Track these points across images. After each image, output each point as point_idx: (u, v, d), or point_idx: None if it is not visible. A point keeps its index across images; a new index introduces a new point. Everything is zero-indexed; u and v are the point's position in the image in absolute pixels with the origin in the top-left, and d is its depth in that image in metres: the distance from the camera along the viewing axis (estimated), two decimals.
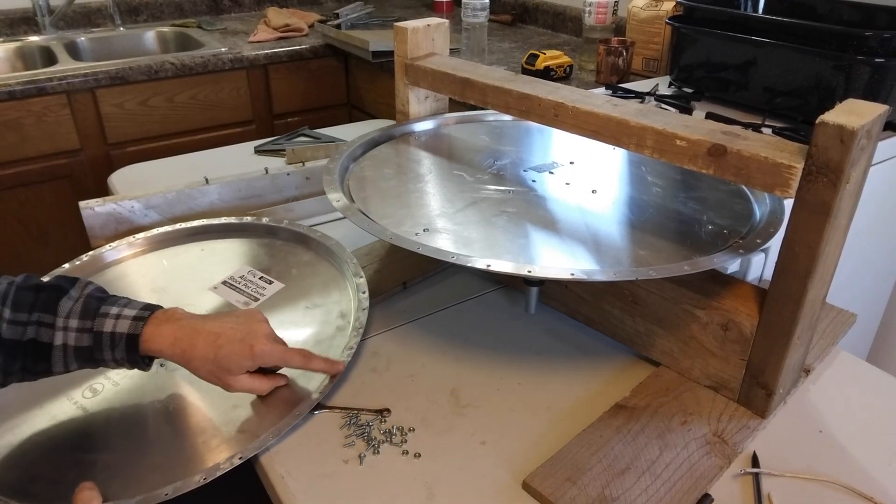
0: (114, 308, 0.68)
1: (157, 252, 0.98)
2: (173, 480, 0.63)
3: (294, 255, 0.95)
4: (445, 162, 0.93)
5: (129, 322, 0.67)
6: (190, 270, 0.94)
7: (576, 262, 0.70)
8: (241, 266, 0.93)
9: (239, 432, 0.68)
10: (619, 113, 0.73)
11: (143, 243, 0.98)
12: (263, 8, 2.49)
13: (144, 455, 0.67)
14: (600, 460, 0.65)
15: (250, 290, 0.89)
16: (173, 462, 0.66)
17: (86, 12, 2.19)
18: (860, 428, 0.71)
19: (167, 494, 0.62)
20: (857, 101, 0.60)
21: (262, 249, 0.97)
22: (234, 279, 0.91)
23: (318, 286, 0.88)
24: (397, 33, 0.98)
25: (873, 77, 1.14)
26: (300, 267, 0.92)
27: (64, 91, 1.75)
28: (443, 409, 0.73)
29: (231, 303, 0.87)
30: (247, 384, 0.70)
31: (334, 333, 0.80)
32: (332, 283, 0.89)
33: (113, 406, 0.73)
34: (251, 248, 0.97)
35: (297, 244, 0.97)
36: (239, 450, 0.66)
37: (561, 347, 0.83)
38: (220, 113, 1.99)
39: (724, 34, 1.33)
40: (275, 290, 0.88)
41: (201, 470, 0.64)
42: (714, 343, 0.72)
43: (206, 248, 0.99)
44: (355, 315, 0.82)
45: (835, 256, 0.66)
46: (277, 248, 0.97)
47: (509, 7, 2.35)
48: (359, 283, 0.86)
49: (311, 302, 0.86)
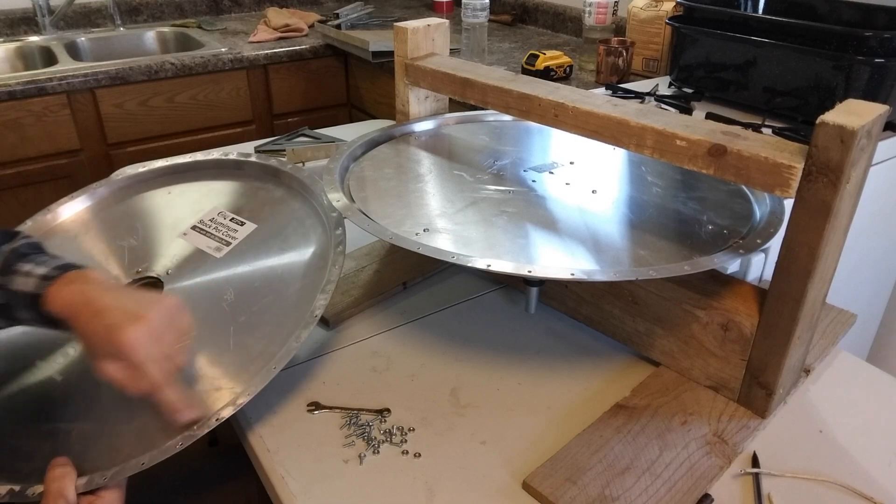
0: (28, 265, 0.64)
1: (121, 203, 0.91)
2: (150, 448, 0.61)
3: (265, 191, 0.88)
4: (445, 162, 0.93)
5: (36, 281, 0.63)
6: (158, 216, 0.88)
7: (576, 262, 0.70)
8: (211, 208, 0.87)
9: (216, 390, 0.65)
10: (619, 113, 0.73)
11: (105, 192, 0.91)
12: (263, 8, 2.49)
13: (119, 421, 0.64)
14: (600, 460, 0.65)
15: (221, 233, 0.83)
16: (149, 427, 0.63)
17: (86, 12, 2.19)
18: (860, 428, 0.71)
19: (144, 464, 0.60)
20: (856, 101, 0.60)
21: (232, 187, 0.89)
22: (205, 223, 0.85)
23: (292, 224, 0.82)
24: (397, 33, 0.98)
25: (873, 77, 1.14)
26: (273, 204, 0.85)
27: (64, 91, 1.75)
28: (443, 409, 0.73)
29: (202, 250, 0.82)
30: (111, 373, 0.61)
31: (312, 273, 0.75)
32: (306, 219, 0.83)
33: (85, 371, 0.69)
34: (222, 188, 0.90)
35: (268, 180, 0.90)
36: (215, 412, 0.63)
37: (561, 347, 0.83)
38: (219, 113, 1.99)
39: (724, 34, 1.33)
40: (247, 232, 0.82)
41: (179, 436, 0.61)
42: (714, 343, 0.72)
43: (174, 191, 0.92)
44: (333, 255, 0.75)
45: (835, 256, 0.66)
46: (248, 184, 0.89)
47: (509, 7, 2.35)
48: (334, 217, 0.79)
49: (285, 242, 0.80)
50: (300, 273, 0.76)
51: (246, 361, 0.68)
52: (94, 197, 0.92)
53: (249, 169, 0.91)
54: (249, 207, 0.86)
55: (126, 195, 0.92)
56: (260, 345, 0.69)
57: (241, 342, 0.70)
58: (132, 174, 0.93)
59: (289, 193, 0.87)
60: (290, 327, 0.70)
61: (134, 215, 0.89)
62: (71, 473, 0.59)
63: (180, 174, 0.93)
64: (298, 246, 0.80)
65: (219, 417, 0.62)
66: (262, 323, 0.71)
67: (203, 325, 0.72)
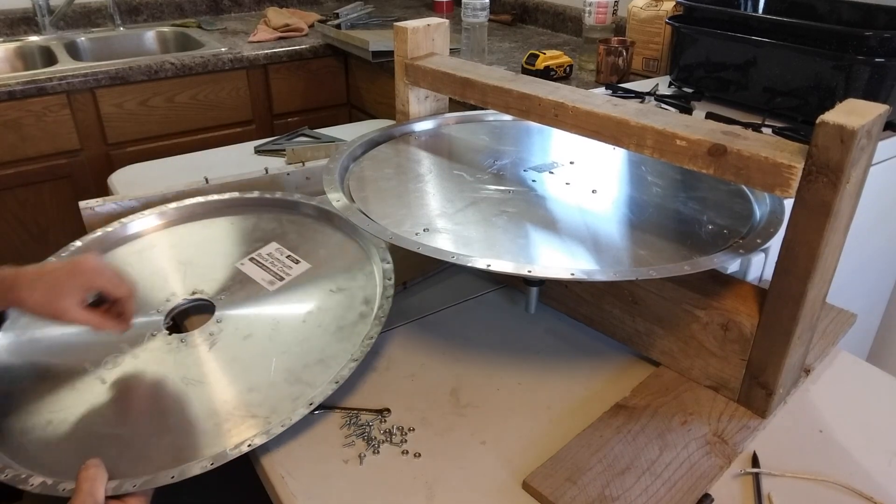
0: None
1: (186, 224, 0.98)
2: (182, 462, 0.63)
3: (322, 234, 0.93)
4: (445, 162, 0.93)
5: None
6: (218, 244, 0.93)
7: (576, 262, 0.70)
8: (269, 243, 0.92)
9: (252, 417, 0.67)
10: (619, 113, 0.73)
11: (174, 213, 0.99)
12: (263, 8, 2.49)
13: (156, 433, 0.67)
14: (600, 460, 0.65)
15: (276, 268, 0.88)
16: (183, 444, 0.65)
17: (86, 12, 2.19)
18: (860, 428, 0.71)
19: (173, 477, 0.62)
20: (857, 100, 0.60)
21: (292, 227, 0.95)
22: (262, 256, 0.90)
23: (343, 269, 0.86)
24: (397, 33, 0.98)
25: (873, 77, 1.14)
26: (328, 248, 0.90)
27: (64, 91, 1.75)
28: (443, 409, 0.73)
29: (256, 281, 0.86)
30: (80, 316, 0.68)
31: (356, 320, 0.79)
32: (357, 266, 0.86)
33: (131, 379, 0.73)
34: (280, 225, 0.96)
35: (325, 223, 0.95)
36: (248, 437, 0.65)
37: (561, 347, 0.83)
38: (219, 113, 1.99)
39: (724, 34, 1.32)
40: (301, 270, 0.86)
41: (209, 455, 0.63)
42: (714, 343, 0.72)
43: (236, 223, 0.98)
44: (379, 303, 0.79)
45: (835, 256, 0.66)
46: (307, 225, 0.94)
47: (509, 7, 2.35)
48: (385, 268, 0.83)
49: (335, 285, 0.84)
50: (345, 318, 0.79)
51: (284, 394, 0.70)
52: (164, 217, 0.99)
53: (306, 209, 0.98)
54: (306, 248, 0.91)
55: (191, 219, 0.99)
56: (299, 380, 0.72)
57: (281, 375, 0.72)
58: (203, 201, 1.00)
59: (345, 239, 0.91)
60: (329, 367, 0.73)
61: (197, 239, 0.95)
62: (102, 476, 0.60)
63: (244, 207, 1.00)
64: (347, 290, 0.83)
65: (251, 443, 0.64)
66: (304, 359, 0.74)
67: (247, 354, 0.75)
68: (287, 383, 0.71)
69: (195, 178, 1.09)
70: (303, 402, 0.69)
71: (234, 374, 0.72)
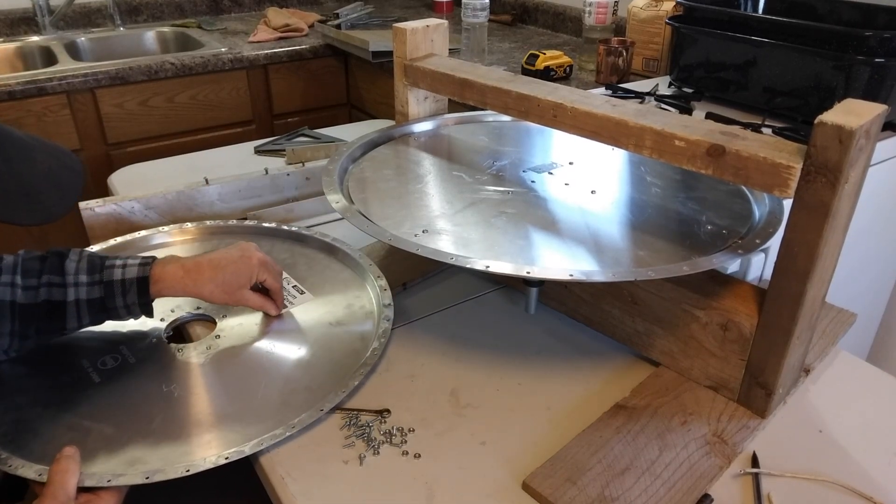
0: (118, 260, 0.75)
1: (203, 241, 1.01)
2: (159, 465, 0.64)
3: (331, 269, 0.95)
4: (445, 163, 0.93)
5: (137, 268, 0.74)
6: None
7: (575, 263, 0.70)
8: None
9: (231, 432, 0.68)
10: (618, 113, 0.73)
11: (195, 231, 1.02)
12: (263, 8, 2.49)
13: (137, 434, 0.68)
14: (600, 460, 0.65)
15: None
16: (162, 447, 0.66)
17: (86, 12, 2.19)
18: (860, 428, 0.71)
19: (147, 478, 0.62)
20: (855, 100, 0.60)
21: (302, 259, 0.97)
22: None
23: (345, 306, 0.87)
24: (396, 34, 0.98)
25: (873, 77, 1.14)
26: (335, 283, 0.92)
27: (64, 91, 1.75)
28: (443, 410, 0.73)
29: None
30: (257, 301, 0.81)
31: (351, 354, 0.79)
32: (358, 304, 0.88)
33: (122, 380, 0.75)
34: (292, 256, 0.98)
35: (335, 258, 0.97)
36: (226, 450, 0.66)
37: (561, 347, 0.83)
38: (220, 113, 1.99)
39: (724, 34, 1.32)
40: (304, 301, 0.88)
41: (186, 461, 0.64)
42: (714, 343, 0.72)
43: None
44: (373, 347, 0.79)
45: (834, 256, 0.66)
46: (317, 260, 0.97)
47: (509, 7, 2.35)
48: (385, 312, 0.84)
49: (335, 319, 0.85)
50: (340, 350, 0.80)
51: (267, 415, 0.71)
52: (185, 233, 1.01)
53: (313, 243, 1.00)
54: (312, 280, 0.93)
55: (205, 239, 1.01)
56: (285, 403, 0.73)
57: (268, 397, 0.73)
58: (223, 225, 1.03)
59: (352, 276, 0.93)
60: (318, 394, 0.73)
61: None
62: (74, 468, 0.60)
63: (260, 235, 1.02)
64: (346, 325, 0.84)
65: (227, 457, 0.65)
66: (292, 385, 0.75)
67: (239, 372, 0.77)
68: (272, 406, 0.72)
69: (195, 179, 1.09)
70: (285, 423, 0.69)
71: (221, 390, 0.74)
